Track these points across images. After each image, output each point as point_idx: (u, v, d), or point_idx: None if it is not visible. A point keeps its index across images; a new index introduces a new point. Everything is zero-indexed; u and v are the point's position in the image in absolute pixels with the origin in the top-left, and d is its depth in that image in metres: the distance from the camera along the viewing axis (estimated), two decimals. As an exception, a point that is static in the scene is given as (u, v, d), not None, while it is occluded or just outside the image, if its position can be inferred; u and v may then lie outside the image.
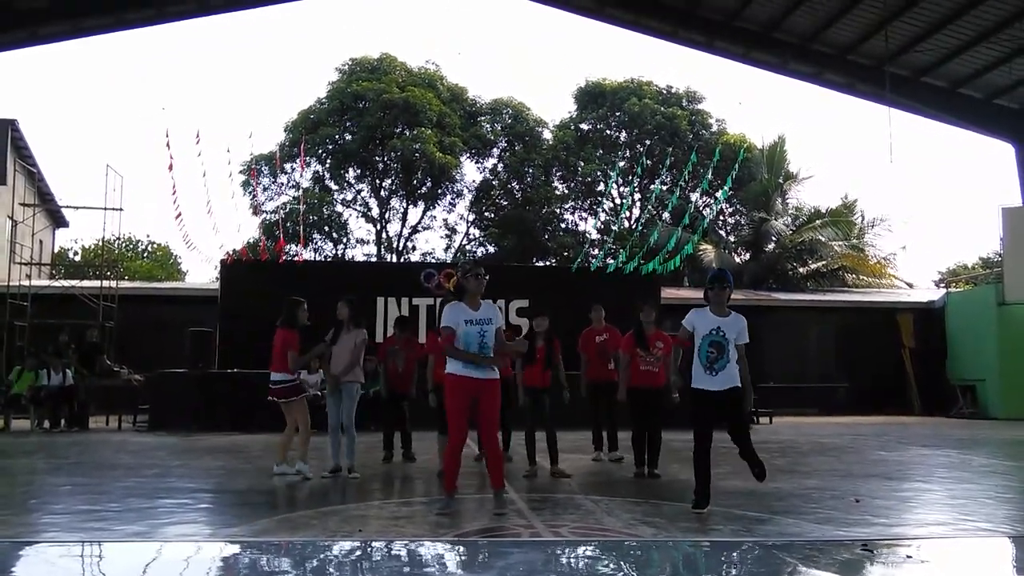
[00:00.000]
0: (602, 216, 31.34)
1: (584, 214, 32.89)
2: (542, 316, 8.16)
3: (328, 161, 30.18)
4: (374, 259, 30.60)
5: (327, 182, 30.91)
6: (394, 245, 31.56)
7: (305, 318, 7.69)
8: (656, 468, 7.81)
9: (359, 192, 31.54)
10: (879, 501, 6.41)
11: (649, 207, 29.35)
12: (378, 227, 31.44)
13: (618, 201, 32.31)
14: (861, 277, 26.79)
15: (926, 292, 25.03)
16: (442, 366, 7.36)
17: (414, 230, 32.15)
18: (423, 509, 6.01)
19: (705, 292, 6.01)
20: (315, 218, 29.38)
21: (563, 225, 32.52)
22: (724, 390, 5.72)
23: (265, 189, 30.01)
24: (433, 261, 30.55)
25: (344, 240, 31.10)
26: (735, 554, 2.86)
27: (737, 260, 27.72)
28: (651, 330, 8.03)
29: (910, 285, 27.97)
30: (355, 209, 31.65)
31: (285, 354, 7.54)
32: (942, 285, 30.40)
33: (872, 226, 28.00)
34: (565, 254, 29.36)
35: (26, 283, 17.45)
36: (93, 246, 35.87)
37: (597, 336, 9.17)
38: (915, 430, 14.50)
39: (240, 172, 27.18)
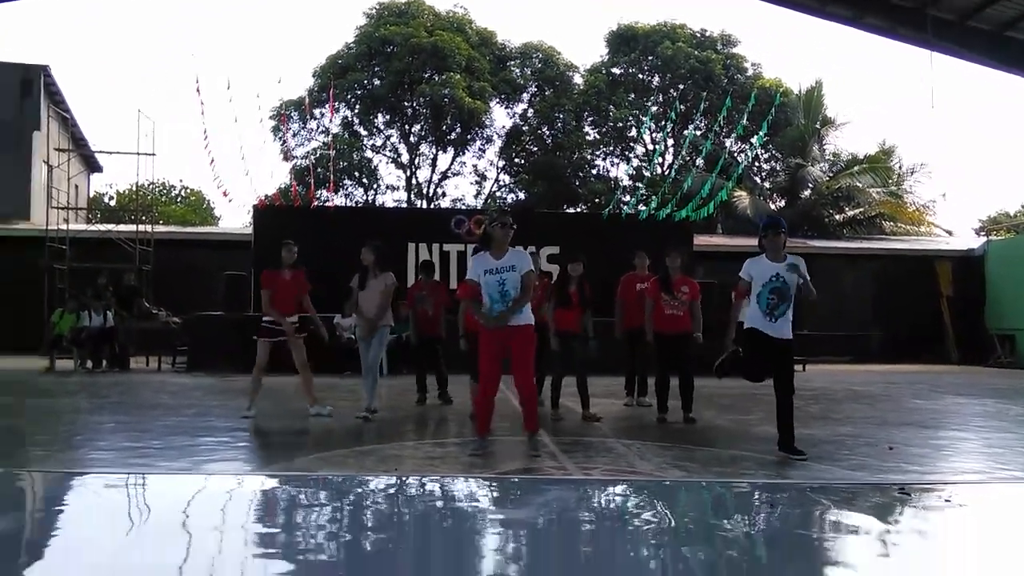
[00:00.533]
0: (634, 162, 30.99)
1: (616, 160, 32.52)
2: (576, 261, 8.14)
3: (357, 107, 30.05)
4: (404, 205, 30.64)
5: (356, 128, 30.82)
6: (424, 191, 31.53)
7: (290, 259, 7.72)
8: (691, 412, 7.83)
9: (388, 138, 31.42)
10: (914, 449, 6.39)
11: (682, 153, 28.90)
12: (408, 173, 31.40)
13: (650, 147, 31.82)
14: (899, 225, 26.30)
15: (966, 240, 24.54)
16: (471, 314, 7.43)
17: (444, 176, 32.08)
18: (456, 450, 6.11)
19: (760, 240, 5.96)
20: (345, 164, 29.39)
21: (594, 171, 32.20)
22: (780, 339, 5.74)
23: (295, 135, 30.04)
24: (463, 207, 30.51)
25: (374, 186, 31.14)
26: (767, 495, 2.87)
27: (772, 207, 27.28)
28: (676, 275, 8.01)
29: (949, 233, 27.42)
30: (384, 155, 31.58)
31: (267, 295, 7.63)
32: (983, 233, 29.76)
33: (911, 173, 27.37)
34: (596, 201, 29.13)
35: (64, 227, 17.76)
36: (127, 191, 36.31)
37: (638, 283, 9.12)
38: (951, 379, 14.37)
39: (270, 118, 27.22)
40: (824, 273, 19.75)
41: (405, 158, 31.50)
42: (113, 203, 37.14)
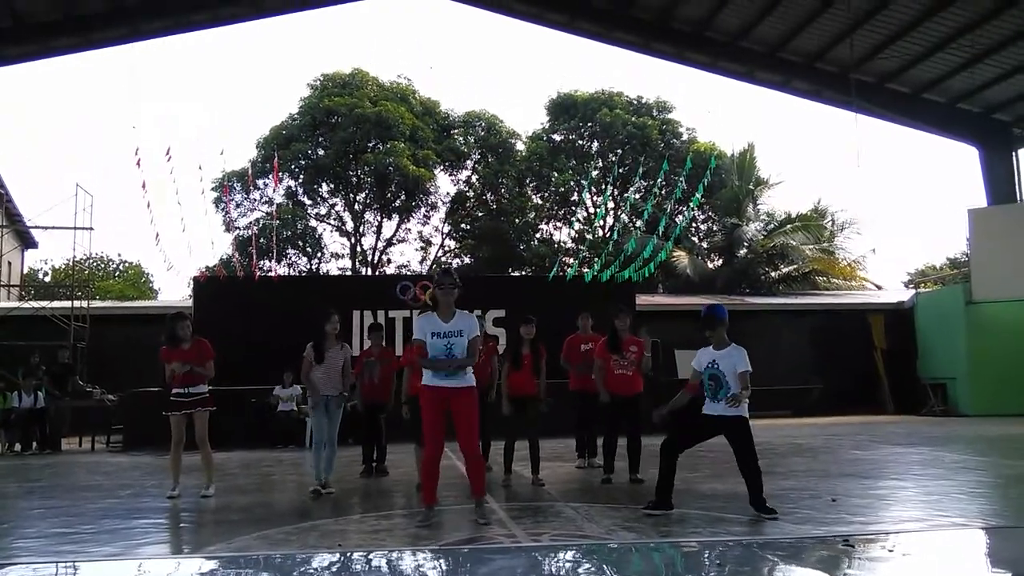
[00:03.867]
0: (576, 225, 31.44)
1: (559, 223, 32.96)
2: (529, 323, 8.16)
3: (301, 176, 30.02)
4: (349, 273, 30.43)
5: (300, 197, 30.72)
6: (369, 258, 31.41)
7: (184, 334, 7.53)
8: (638, 473, 7.82)
9: (333, 206, 31.37)
10: (855, 500, 6.46)
11: (623, 215, 29.51)
12: (352, 241, 31.28)
13: (592, 210, 32.42)
14: (832, 280, 27.07)
15: (896, 293, 25.35)
16: (417, 378, 7.34)
17: (389, 243, 32.03)
18: (403, 522, 5.96)
19: (702, 330, 6.19)
20: (289, 233, 29.18)
21: (538, 235, 32.55)
22: (724, 416, 5.92)
23: (238, 206, 29.79)
24: (408, 273, 30.43)
25: (319, 255, 30.91)
26: (716, 554, 2.85)
27: (710, 266, 27.89)
28: (624, 335, 8.08)
29: (879, 287, 28.31)
30: (329, 223, 31.46)
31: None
32: (911, 286, 30.83)
33: (842, 229, 28.33)
34: (541, 263, 29.41)
35: (-5, 305, 17.11)
36: (64, 266, 35.34)
37: (583, 344, 9.18)
38: (888, 429, 14.65)
39: (212, 189, 26.96)
40: (762, 329, 20.16)
41: (350, 226, 31.44)
42: (48, 279, 36.06)
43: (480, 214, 32.25)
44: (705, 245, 30.83)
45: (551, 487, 7.59)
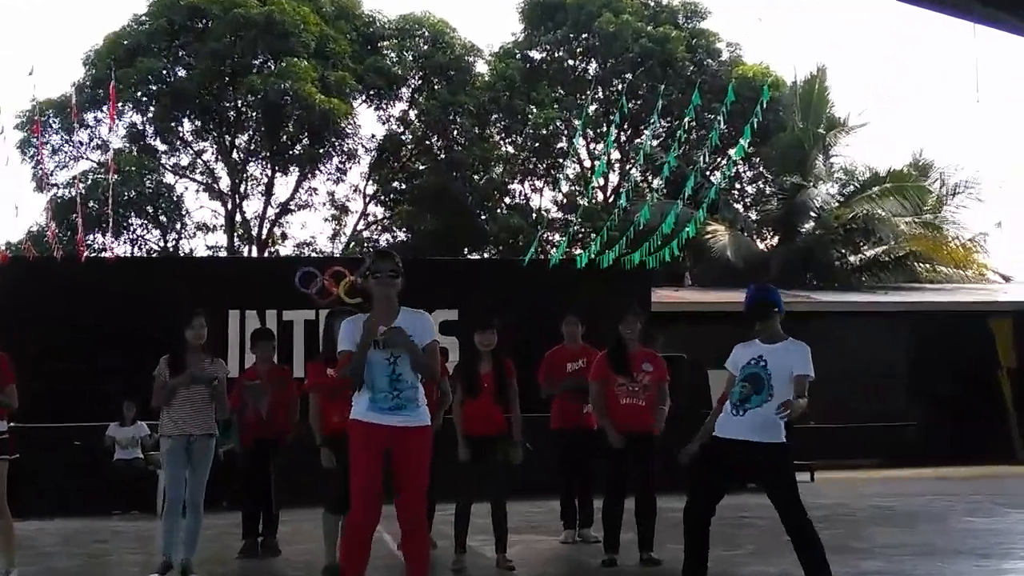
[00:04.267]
0: (565, 186, 31.52)
1: (539, 183, 33.04)
2: (488, 330, 8.11)
3: (152, 109, 29.72)
4: (224, 254, 30.21)
5: (151, 140, 30.45)
6: (254, 232, 31.20)
7: None
8: (652, 550, 7.85)
9: (200, 155, 31.15)
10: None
11: (633, 171, 29.62)
12: (230, 206, 31.07)
13: (588, 164, 32.52)
14: (938, 268, 27.45)
15: (1031, 288, 25.74)
16: (336, 409, 7.27)
17: (284, 209, 31.83)
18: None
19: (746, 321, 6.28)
20: (133, 194, 28.88)
21: (508, 199, 32.59)
22: (749, 441, 5.89)
23: (55, 152, 29.41)
24: (314, 255, 30.20)
25: (178, 226, 30.63)
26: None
27: (761, 246, 28.14)
28: (635, 347, 8.09)
29: (1007, 278, 28.73)
30: (194, 180, 31.21)
31: None
32: (1053, 278, 31.23)
33: (954, 195, 28.67)
34: (512, 241, 29.43)
35: None
36: None
37: (570, 362, 9.18)
38: (1018, 485, 14.87)
39: (16, 128, 26.51)
40: (835, 339, 20.28)
41: (225, 184, 31.24)
42: None
43: (421, 167, 32.16)
44: (754, 216, 31.11)
45: (525, 572, 7.56)
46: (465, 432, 7.85)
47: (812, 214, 26.98)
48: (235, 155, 30.94)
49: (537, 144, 31.88)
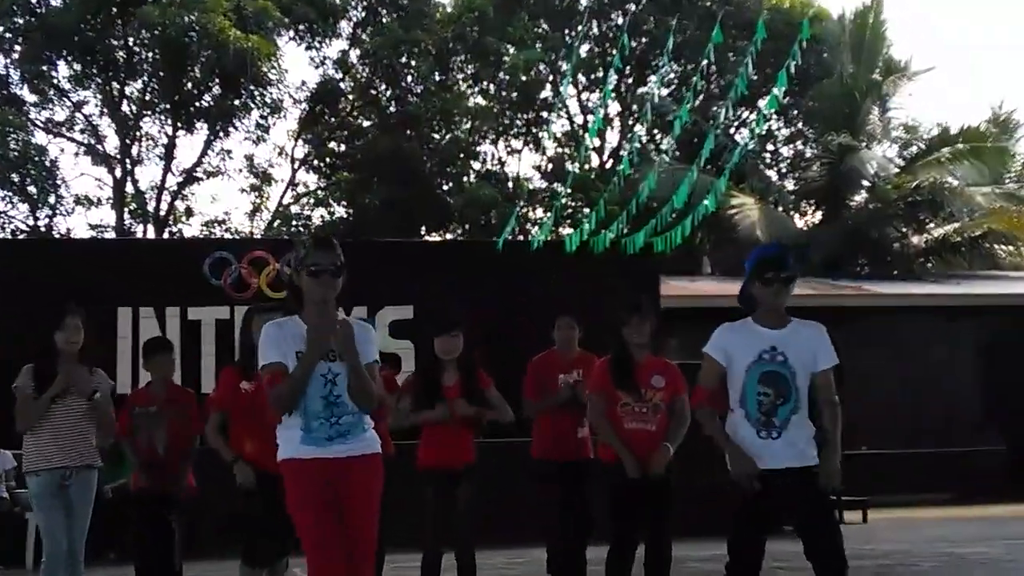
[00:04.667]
0: (551, 146, 31.56)
1: (517, 143, 33.03)
2: (451, 333, 8.15)
3: (17, 48, 29.62)
4: (111, 235, 30.16)
5: (15, 89, 30.39)
6: (150, 208, 31.09)
7: None
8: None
9: (79, 107, 31.09)
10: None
11: (638, 128, 29.66)
12: (118, 174, 30.96)
13: (579, 119, 32.58)
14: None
15: None
16: (251, 433, 7.32)
17: (189, 178, 31.71)
18: None
19: (748, 287, 6.16)
20: (-6, 157, 28.77)
21: (477, 164, 32.57)
22: (790, 469, 5.90)
23: None
24: (228, 237, 30.10)
25: (52, 200, 30.50)
26: None
27: (800, 224, 28.29)
28: (643, 357, 8.13)
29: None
30: (72, 140, 31.19)
31: None
32: None
33: (1043, 158, 28.94)
34: (483, 219, 29.44)
35: None
36: None
37: (562, 373, 9.20)
38: None
39: None
40: (893, 341, 20.44)
41: (112, 145, 31.23)
42: None
43: (366, 124, 32.21)
44: (791, 185, 31.22)
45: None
46: (425, 463, 7.90)
47: (865, 183, 27.12)
48: (125, 108, 30.80)
49: (515, 94, 31.90)
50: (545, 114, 31.49)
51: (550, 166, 31.99)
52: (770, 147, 32.93)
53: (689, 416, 8.08)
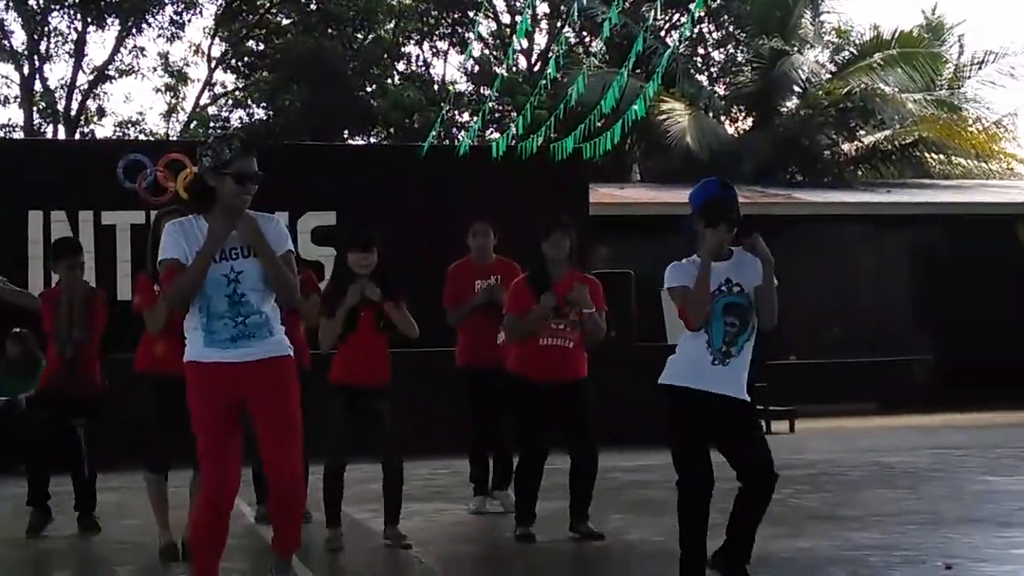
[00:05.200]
0: (476, 48, 31.30)
1: (442, 44, 32.77)
2: (365, 247, 8.01)
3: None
4: (19, 135, 29.68)
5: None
6: (60, 107, 30.59)
7: None
8: (587, 520, 7.97)
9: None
10: (987, 568, 6.76)
11: (566, 30, 29.45)
12: (25, 71, 30.44)
13: (507, 20, 32.30)
14: (955, 159, 27.84)
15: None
16: (160, 337, 7.21)
17: (101, 76, 31.20)
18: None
19: (688, 225, 6.08)
20: None
21: (401, 65, 32.29)
22: (736, 399, 5.94)
23: None
24: (143, 138, 29.70)
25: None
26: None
27: (731, 130, 28.31)
28: (562, 270, 8.10)
29: (1040, 172, 29.29)
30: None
31: None
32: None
33: (978, 66, 29.04)
34: (407, 123, 29.23)
35: None
36: None
37: (479, 279, 9.27)
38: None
39: None
40: (823, 250, 20.60)
41: (19, 41, 30.73)
42: None
43: (285, 22, 31.90)
44: (721, 90, 31.18)
45: (421, 550, 7.64)
46: (338, 380, 7.83)
47: (796, 89, 27.18)
48: (32, 1, 30.17)
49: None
50: (472, 14, 31.15)
51: (476, 69, 31.70)
52: (700, 51, 32.88)
53: (604, 330, 8.14)
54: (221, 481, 5.62)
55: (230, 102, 32.74)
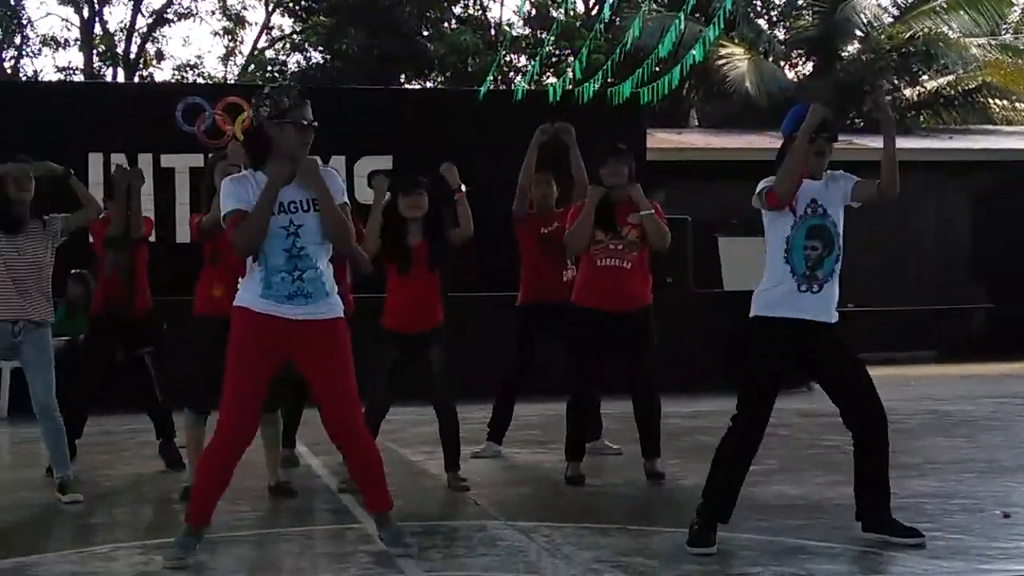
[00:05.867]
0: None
1: (498, -11, 32.67)
2: (415, 191, 8.02)
3: None
4: (80, 78, 29.78)
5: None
6: (119, 50, 30.71)
7: None
8: (658, 458, 8.10)
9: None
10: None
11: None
12: (85, 14, 30.51)
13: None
14: (1018, 105, 27.52)
15: None
16: (219, 278, 7.31)
17: (159, 20, 31.31)
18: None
19: (784, 148, 6.11)
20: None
21: (457, 10, 32.19)
22: (820, 324, 5.94)
23: None
24: (201, 82, 29.84)
25: (18, 40, 30.15)
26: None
27: (790, 75, 28.07)
28: (620, 196, 8.06)
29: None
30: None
31: None
32: None
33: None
34: (462, 66, 29.18)
35: None
36: None
37: (544, 226, 9.28)
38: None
39: None
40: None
41: (81, -16, 30.66)
42: None
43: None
44: (781, 35, 30.91)
45: (476, 492, 7.75)
46: (391, 326, 7.88)
47: (858, 33, 26.89)
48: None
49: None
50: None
51: (533, 12, 31.54)
52: (760, -5, 32.60)
53: (668, 233, 8.09)
54: (237, 434, 5.74)
55: (287, 46, 32.78)
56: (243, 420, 5.73)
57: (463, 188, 8.08)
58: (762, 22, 31.05)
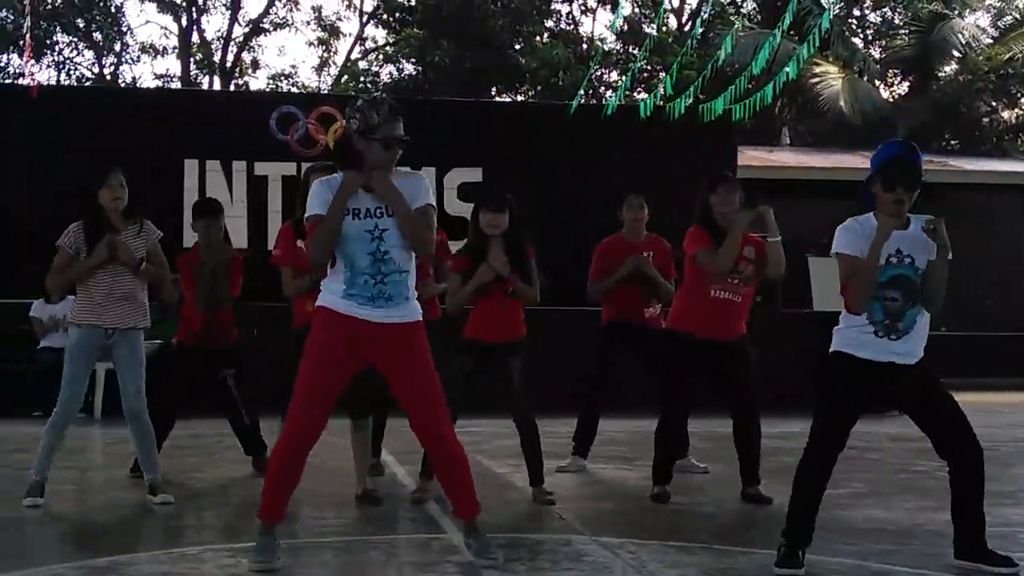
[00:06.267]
0: (626, 7, 31.14)
1: (591, 2, 32.67)
2: (496, 207, 7.98)
3: None
4: (177, 85, 30.14)
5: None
6: (216, 59, 31.06)
7: None
8: (755, 485, 8.02)
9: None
10: None
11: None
12: (184, 22, 30.89)
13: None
14: None
15: None
16: (311, 294, 7.37)
17: (256, 29, 31.63)
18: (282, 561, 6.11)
19: (866, 188, 5.89)
20: (58, 2, 28.74)
21: (550, 24, 32.25)
22: (910, 365, 5.87)
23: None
24: (295, 91, 30.11)
25: (118, 47, 30.54)
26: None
27: (886, 95, 27.85)
28: (738, 223, 7.98)
29: None
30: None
31: None
32: None
33: None
34: (554, 80, 29.22)
35: None
36: None
37: (630, 252, 9.26)
38: None
39: None
40: (982, 220, 20.19)
41: (180, -6, 31.07)
42: None
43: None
44: (877, 54, 30.67)
45: (561, 507, 7.75)
46: (472, 335, 7.91)
47: (955, 54, 26.65)
48: (191, -46, 30.64)
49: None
50: (622, -29, 31.03)
51: (625, 27, 31.53)
52: (856, 12, 32.32)
53: (784, 263, 8.01)
54: (305, 431, 5.77)
55: (380, 57, 32.99)
56: (312, 418, 5.76)
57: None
58: (857, 40, 30.85)
